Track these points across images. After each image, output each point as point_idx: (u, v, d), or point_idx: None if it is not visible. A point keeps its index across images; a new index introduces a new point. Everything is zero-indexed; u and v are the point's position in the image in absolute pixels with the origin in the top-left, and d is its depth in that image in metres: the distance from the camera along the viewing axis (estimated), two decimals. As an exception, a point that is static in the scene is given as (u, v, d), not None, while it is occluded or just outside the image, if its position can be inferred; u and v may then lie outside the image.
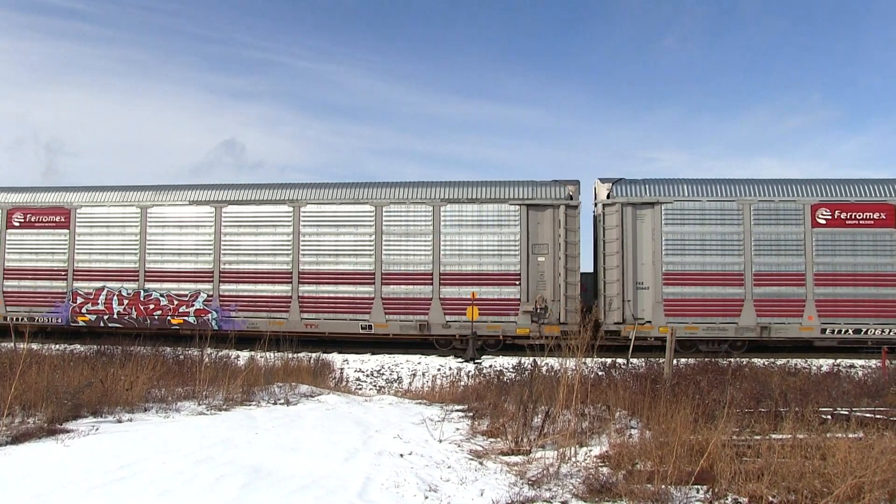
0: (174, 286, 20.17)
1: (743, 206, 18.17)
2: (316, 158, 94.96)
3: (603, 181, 19.00)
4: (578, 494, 5.51)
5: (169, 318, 20.00)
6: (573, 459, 6.50)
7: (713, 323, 18.05)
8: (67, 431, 7.59)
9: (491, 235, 18.86)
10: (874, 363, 15.76)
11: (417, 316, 18.94)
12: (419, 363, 17.64)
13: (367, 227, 19.35)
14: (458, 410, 9.99)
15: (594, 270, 19.73)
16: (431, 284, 18.94)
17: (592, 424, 7.84)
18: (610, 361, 14.58)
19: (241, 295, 19.81)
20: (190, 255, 20.16)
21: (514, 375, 13.23)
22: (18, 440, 7.12)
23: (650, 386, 8.86)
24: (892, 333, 17.63)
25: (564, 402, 7.84)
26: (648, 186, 18.62)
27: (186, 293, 20.05)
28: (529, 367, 12.86)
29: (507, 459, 6.79)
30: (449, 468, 6.41)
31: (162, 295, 20.17)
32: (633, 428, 7.71)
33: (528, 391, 8.26)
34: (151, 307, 20.20)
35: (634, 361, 15.00)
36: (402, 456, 6.88)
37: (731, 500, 5.35)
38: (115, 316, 20.34)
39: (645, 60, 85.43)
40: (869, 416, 7.79)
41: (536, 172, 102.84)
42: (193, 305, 19.96)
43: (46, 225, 20.99)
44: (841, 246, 17.95)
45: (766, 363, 14.72)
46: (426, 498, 5.45)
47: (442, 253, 18.96)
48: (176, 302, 20.09)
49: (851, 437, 6.36)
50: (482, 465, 6.60)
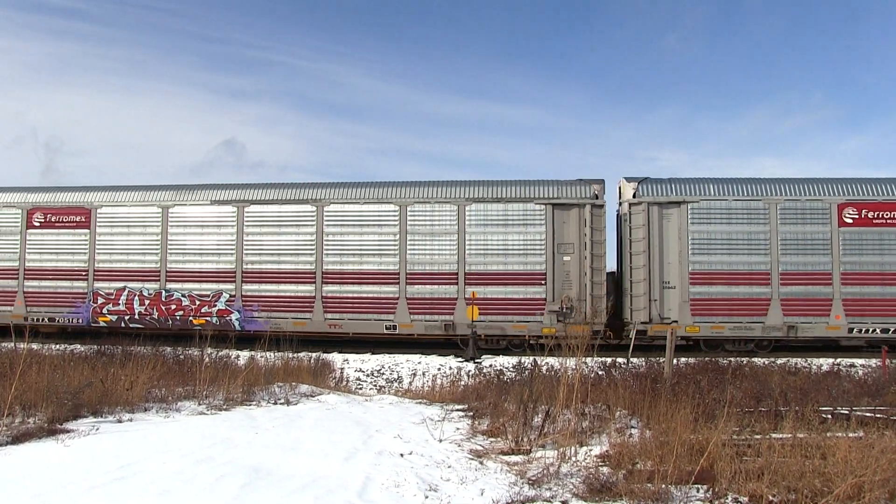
0: (196, 286, 20.01)
1: (769, 205, 18.09)
2: (316, 158, 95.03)
3: (628, 180, 18.94)
4: (579, 494, 5.51)
5: (191, 318, 19.81)
6: (573, 459, 6.50)
7: (740, 322, 17.97)
8: (68, 431, 7.60)
9: (516, 235, 18.78)
10: (874, 362, 15.75)
11: (443, 316, 18.83)
12: (419, 363, 17.63)
13: (391, 226, 19.24)
14: (458, 410, 9.99)
15: (617, 270, 19.67)
16: (457, 284, 18.85)
17: (593, 424, 7.84)
18: (610, 361, 14.58)
19: (263, 295, 19.67)
20: (212, 254, 20.02)
21: (514, 375, 13.23)
22: (19, 440, 7.12)
23: (650, 385, 8.87)
24: None
25: (564, 401, 7.84)
26: (674, 185, 18.58)
27: (208, 293, 19.91)
28: (529, 366, 12.86)
29: (507, 459, 6.79)
30: (449, 468, 6.41)
31: (184, 295, 20.02)
32: (633, 427, 7.71)
33: (528, 391, 8.26)
34: (173, 307, 20.05)
35: (635, 361, 15.00)
36: (402, 455, 6.88)
37: (731, 499, 5.35)
38: (136, 316, 20.16)
39: (645, 60, 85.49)
40: (869, 415, 7.79)
41: (537, 172, 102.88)
42: (216, 306, 19.83)
43: (67, 225, 20.83)
44: (868, 245, 17.87)
45: (766, 362, 14.72)
46: (426, 497, 5.45)
47: (467, 252, 18.89)
48: (198, 302, 19.94)
49: (852, 436, 6.36)
50: (482, 464, 6.60)
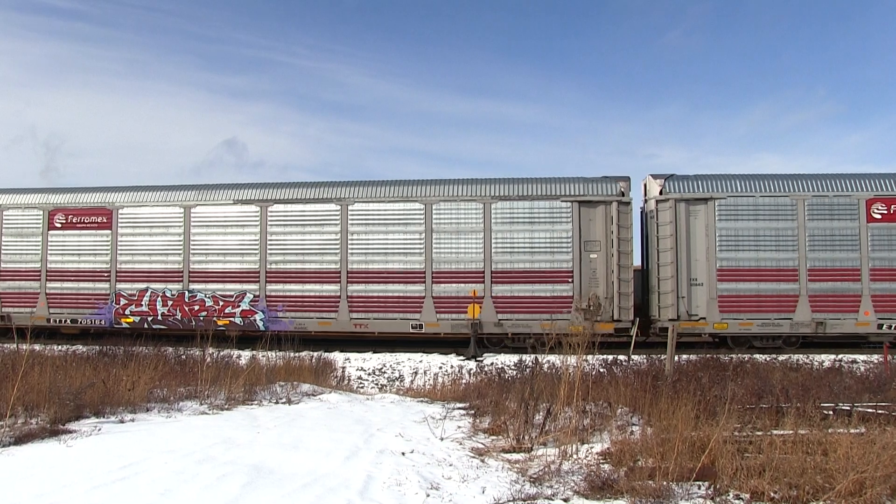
0: (219, 287, 19.93)
1: (797, 201, 18.08)
2: (317, 157, 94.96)
3: (655, 177, 18.93)
4: (580, 492, 5.51)
5: (214, 318, 19.66)
6: (575, 456, 6.51)
7: (768, 319, 17.97)
8: (70, 432, 7.61)
9: (542, 233, 18.75)
10: (876, 358, 15.73)
11: (469, 315, 18.84)
12: (421, 361, 17.64)
13: (416, 225, 19.20)
14: (459, 408, 10.01)
15: (643, 267, 19.62)
16: (483, 282, 18.84)
17: (594, 421, 7.85)
18: (611, 358, 14.57)
19: (288, 295, 19.59)
20: (235, 254, 19.94)
21: (515, 373, 13.22)
22: (21, 441, 7.13)
23: (651, 382, 8.87)
24: None
25: (566, 399, 7.84)
26: (701, 182, 18.58)
27: (232, 294, 19.84)
28: (531, 364, 12.86)
29: (508, 457, 6.79)
30: (450, 466, 6.42)
31: (207, 296, 19.94)
32: (634, 425, 7.71)
33: (529, 388, 8.26)
34: (196, 308, 19.97)
35: (636, 358, 14.99)
36: (403, 454, 6.89)
37: (732, 496, 5.35)
38: (159, 317, 20.07)
39: (646, 57, 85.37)
40: (871, 411, 7.78)
41: (538, 170, 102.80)
42: (239, 306, 19.76)
43: (88, 226, 20.73)
44: None
45: (767, 359, 14.70)
46: (428, 496, 5.46)
47: (493, 251, 18.87)
48: (221, 303, 19.87)
49: (853, 432, 6.35)
50: (484, 462, 6.60)
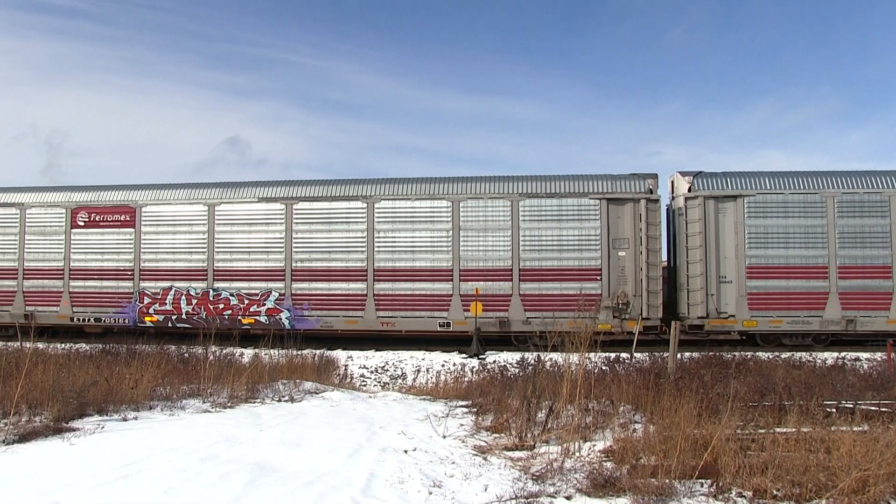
0: (244, 285, 19.87)
1: (826, 198, 18.08)
2: (319, 155, 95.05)
3: (683, 174, 18.96)
4: (582, 489, 5.51)
5: (240, 317, 19.66)
6: (577, 454, 6.51)
7: (797, 317, 17.99)
8: (73, 430, 7.63)
9: (571, 230, 18.74)
10: (880, 356, 15.70)
11: (497, 312, 18.78)
12: (423, 359, 17.64)
13: (443, 223, 19.19)
14: (462, 406, 10.01)
15: (669, 264, 19.60)
16: (511, 280, 18.81)
17: (596, 419, 7.84)
18: (614, 356, 14.56)
19: (314, 293, 19.53)
20: (260, 253, 19.90)
21: (517, 371, 13.22)
22: (25, 438, 7.16)
23: (654, 380, 8.86)
24: None
25: (568, 397, 7.84)
26: (730, 179, 18.60)
27: (257, 292, 19.78)
28: (533, 362, 12.86)
29: (510, 455, 6.79)
30: (453, 464, 6.42)
31: (232, 294, 19.87)
32: (636, 422, 7.70)
33: (531, 386, 8.26)
34: (221, 307, 19.89)
35: (638, 356, 14.97)
36: (406, 452, 6.89)
37: (735, 493, 5.35)
38: (183, 316, 20.03)
39: (649, 55, 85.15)
40: (874, 409, 7.76)
41: (539, 168, 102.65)
42: (265, 304, 19.70)
43: (111, 224, 20.70)
44: None
45: (770, 356, 14.67)
46: (430, 493, 5.46)
47: (521, 248, 18.84)
48: (247, 301, 19.80)
49: (856, 430, 6.34)
50: (486, 460, 6.61)
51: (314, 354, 15.81)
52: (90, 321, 20.56)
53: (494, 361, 16.38)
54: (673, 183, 19.65)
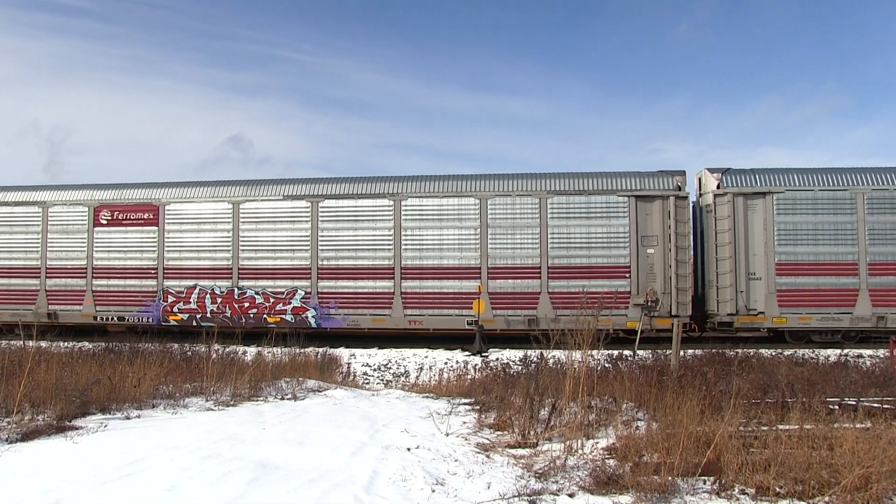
0: (270, 283, 19.80)
1: (856, 194, 18.07)
2: (322, 153, 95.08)
3: (711, 171, 18.93)
4: (585, 487, 5.51)
5: (265, 316, 19.61)
6: (580, 452, 6.50)
7: (827, 313, 17.97)
8: (76, 428, 7.64)
9: (599, 227, 18.74)
10: (882, 353, 15.66)
11: (525, 311, 18.74)
12: (426, 357, 17.64)
13: (471, 220, 19.16)
14: (464, 404, 10.00)
15: (696, 261, 19.56)
16: (539, 278, 18.79)
17: (599, 416, 7.84)
18: (617, 353, 14.55)
19: (340, 291, 19.47)
20: (286, 251, 19.83)
21: (520, 368, 13.22)
22: (28, 437, 7.16)
23: (657, 377, 8.85)
24: None
25: (571, 394, 7.84)
26: (759, 176, 18.59)
27: (283, 290, 19.71)
28: (536, 359, 12.85)
29: (513, 452, 6.79)
30: (456, 461, 6.42)
31: (257, 292, 19.80)
32: (639, 420, 7.70)
33: (534, 384, 8.26)
34: (246, 305, 19.83)
35: (641, 353, 14.96)
36: (409, 450, 6.89)
37: (737, 490, 5.34)
38: (208, 315, 19.97)
39: (653, 52, 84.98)
40: (877, 406, 7.75)
41: (540, 165, 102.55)
42: (291, 303, 19.64)
43: (134, 222, 20.61)
44: None
45: (773, 353, 14.65)
46: (433, 491, 5.46)
47: (550, 246, 18.83)
48: (272, 300, 19.75)
49: (859, 427, 6.33)
50: (489, 458, 6.61)
51: (317, 352, 15.83)
52: (114, 320, 20.51)
53: (497, 359, 16.38)
54: (700, 180, 19.61)
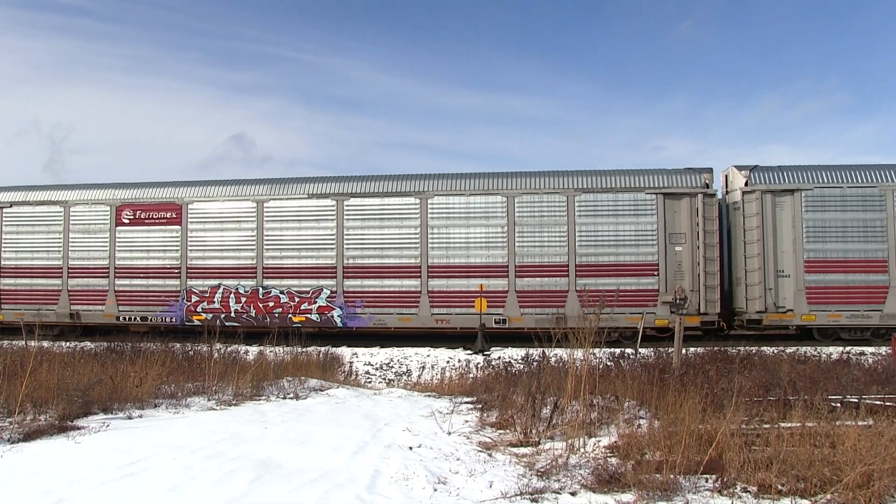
0: (295, 282, 19.64)
1: (885, 191, 17.99)
2: (324, 152, 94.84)
3: (739, 168, 18.87)
4: (587, 485, 5.51)
5: (290, 315, 19.44)
6: (582, 450, 6.50)
7: (856, 311, 17.88)
8: (78, 428, 7.64)
9: (627, 225, 18.66)
10: (884, 350, 15.65)
11: (553, 309, 18.61)
12: (428, 356, 17.65)
13: (498, 218, 19.07)
14: (466, 402, 10.01)
15: (722, 258, 19.45)
16: (567, 276, 18.71)
17: (601, 415, 7.83)
18: (619, 352, 14.55)
19: (366, 291, 19.33)
20: (311, 250, 19.69)
21: (522, 367, 13.22)
22: (30, 437, 7.17)
23: (659, 376, 8.85)
24: None
25: (573, 392, 7.83)
26: (787, 173, 18.52)
27: (308, 289, 19.57)
28: (538, 358, 12.85)
29: (515, 451, 6.79)
30: (458, 460, 6.42)
31: (282, 292, 19.65)
32: (641, 418, 7.69)
33: (536, 382, 8.26)
34: (271, 304, 19.67)
35: (643, 351, 14.96)
36: (411, 449, 6.89)
37: (740, 488, 5.34)
38: (232, 314, 19.81)
39: (654, 49, 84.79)
40: (879, 403, 7.74)
41: (541, 164, 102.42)
42: (316, 302, 19.49)
43: (157, 221, 20.43)
44: None
45: (775, 351, 14.65)
46: (435, 490, 5.46)
47: (577, 244, 18.75)
48: (297, 299, 19.59)
49: (861, 424, 6.32)
50: (491, 456, 6.61)
51: (319, 352, 15.84)
52: (136, 320, 20.37)
53: (499, 358, 16.38)
54: (727, 177, 19.54)
